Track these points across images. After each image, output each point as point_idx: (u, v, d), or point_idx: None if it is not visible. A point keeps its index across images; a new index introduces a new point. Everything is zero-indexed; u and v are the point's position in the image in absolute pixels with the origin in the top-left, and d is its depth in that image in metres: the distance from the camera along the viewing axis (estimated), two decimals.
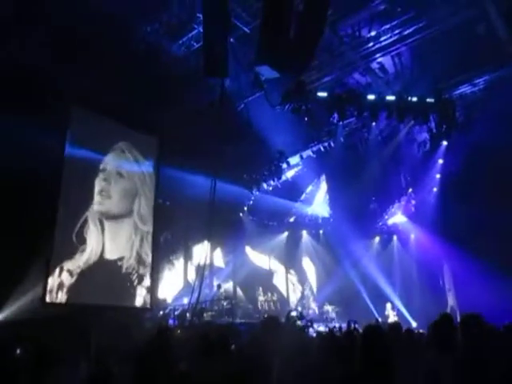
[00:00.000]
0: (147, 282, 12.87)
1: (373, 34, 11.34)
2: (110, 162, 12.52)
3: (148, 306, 12.72)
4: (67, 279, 10.76)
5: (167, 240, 15.59)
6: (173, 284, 15.36)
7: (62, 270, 10.67)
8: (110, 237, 12.06)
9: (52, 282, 10.43)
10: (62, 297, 10.58)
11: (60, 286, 10.59)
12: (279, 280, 20.15)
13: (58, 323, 7.94)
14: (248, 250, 18.82)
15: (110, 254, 11.96)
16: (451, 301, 15.98)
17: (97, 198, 11.96)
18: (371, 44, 11.55)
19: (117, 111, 11.86)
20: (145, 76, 10.84)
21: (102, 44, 9.96)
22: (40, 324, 7.94)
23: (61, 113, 10.98)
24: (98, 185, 12.09)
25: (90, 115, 11.80)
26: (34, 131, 9.30)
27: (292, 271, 20.95)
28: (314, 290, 21.02)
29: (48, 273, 10.33)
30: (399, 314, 16.49)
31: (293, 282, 20.74)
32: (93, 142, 11.93)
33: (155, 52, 11.10)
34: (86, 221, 11.54)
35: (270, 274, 19.81)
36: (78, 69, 10.17)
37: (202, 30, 9.85)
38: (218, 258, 17.50)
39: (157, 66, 11.18)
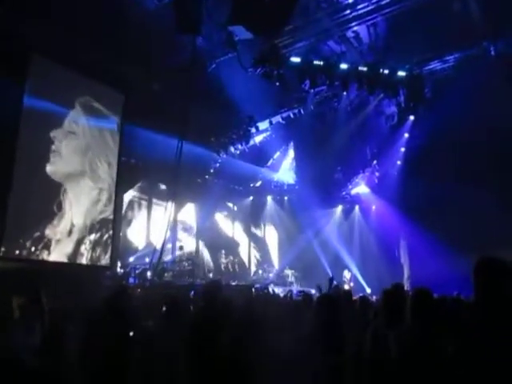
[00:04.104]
0: (108, 239, 12.72)
1: (350, 1, 11.15)
2: (67, 117, 11.85)
3: (108, 264, 12.63)
4: (24, 235, 10.48)
5: (130, 198, 15.40)
6: (135, 242, 15.29)
7: (17, 227, 10.35)
8: (68, 196, 11.67)
9: (8, 238, 10.10)
10: (16, 252, 10.30)
11: (16, 241, 10.31)
12: (242, 244, 20.43)
13: (10, 278, 7.79)
14: (213, 212, 18.88)
15: (69, 214, 11.64)
16: (406, 272, 16.73)
17: (49, 156, 11.33)
18: (348, 11, 11.37)
19: (81, 63, 11.28)
20: (112, 28, 10.25)
21: None
22: None
23: (20, 61, 10.35)
24: (51, 143, 11.40)
25: (51, 65, 11.14)
26: None
27: (255, 235, 21.25)
28: (276, 254, 21.47)
29: (2, 228, 9.99)
30: (355, 280, 17.14)
31: (255, 246, 21.07)
32: (53, 93, 11.33)
33: (124, 4, 10.50)
34: (45, 179, 11.12)
35: (232, 238, 20.03)
36: (39, 16, 9.54)
37: None
38: (185, 217, 17.49)
39: (125, 17, 10.59)
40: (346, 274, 16.70)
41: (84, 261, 11.91)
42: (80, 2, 9.60)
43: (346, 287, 15.12)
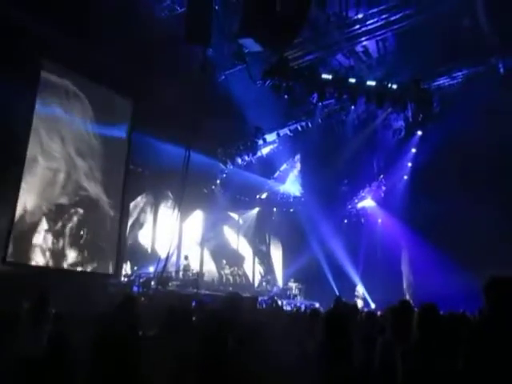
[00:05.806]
0: (113, 248, 12.72)
1: (360, 16, 11.25)
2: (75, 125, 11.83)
3: (112, 272, 12.61)
4: (30, 242, 10.52)
5: (137, 206, 15.43)
6: (140, 251, 15.27)
7: (23, 234, 10.40)
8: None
9: (14, 243, 10.14)
10: (23, 257, 10.34)
11: (22, 247, 10.34)
12: (246, 254, 20.35)
13: (17, 283, 7.82)
14: (218, 223, 18.89)
15: (75, 222, 11.69)
16: (405, 286, 16.58)
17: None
18: (357, 26, 11.48)
19: (92, 70, 11.41)
20: (123, 35, 10.37)
21: None
22: None
23: (31, 68, 10.50)
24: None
25: (61, 71, 11.29)
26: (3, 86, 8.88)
27: (260, 247, 21.18)
28: (280, 266, 21.35)
29: (9, 233, 10.04)
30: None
31: (259, 257, 20.99)
32: (62, 101, 11.46)
33: (136, 11, 10.65)
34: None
35: (237, 248, 19.98)
36: (51, 22, 9.71)
37: None
38: (191, 226, 17.49)
39: (136, 26, 10.72)
40: (359, 289, 16.58)
41: (89, 268, 11.91)
42: (92, 9, 9.75)
43: (359, 302, 14.95)
